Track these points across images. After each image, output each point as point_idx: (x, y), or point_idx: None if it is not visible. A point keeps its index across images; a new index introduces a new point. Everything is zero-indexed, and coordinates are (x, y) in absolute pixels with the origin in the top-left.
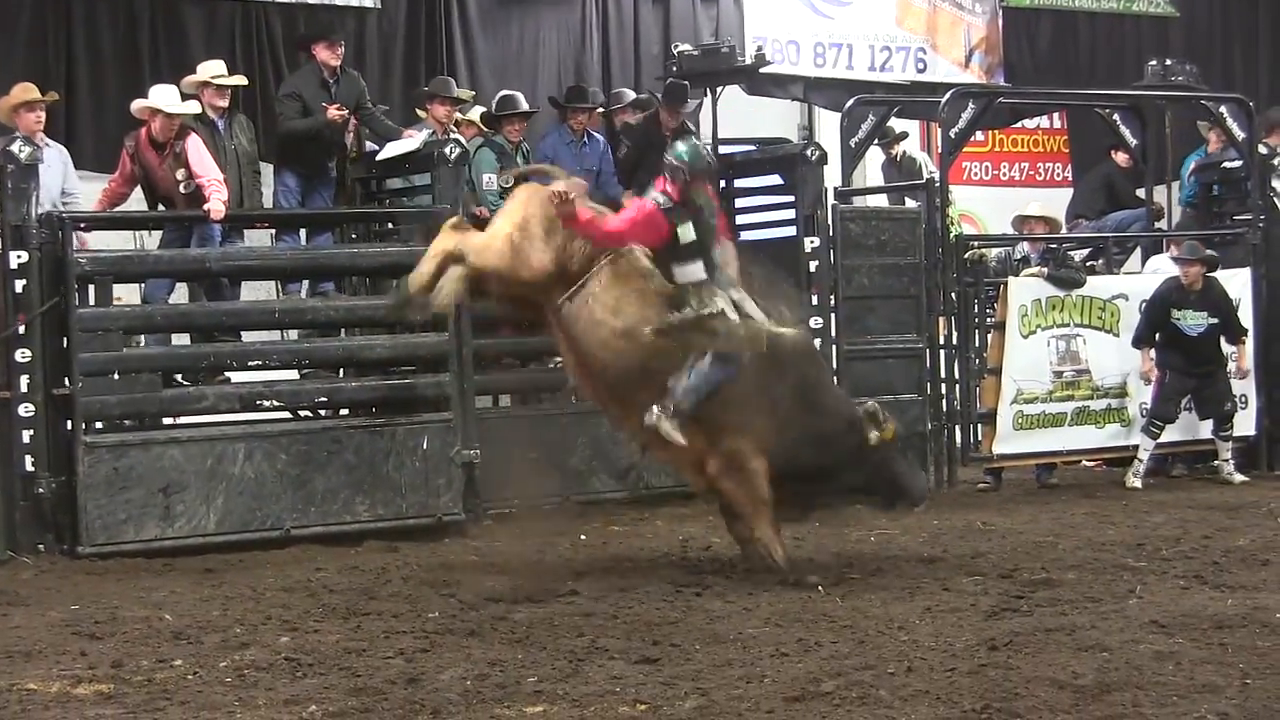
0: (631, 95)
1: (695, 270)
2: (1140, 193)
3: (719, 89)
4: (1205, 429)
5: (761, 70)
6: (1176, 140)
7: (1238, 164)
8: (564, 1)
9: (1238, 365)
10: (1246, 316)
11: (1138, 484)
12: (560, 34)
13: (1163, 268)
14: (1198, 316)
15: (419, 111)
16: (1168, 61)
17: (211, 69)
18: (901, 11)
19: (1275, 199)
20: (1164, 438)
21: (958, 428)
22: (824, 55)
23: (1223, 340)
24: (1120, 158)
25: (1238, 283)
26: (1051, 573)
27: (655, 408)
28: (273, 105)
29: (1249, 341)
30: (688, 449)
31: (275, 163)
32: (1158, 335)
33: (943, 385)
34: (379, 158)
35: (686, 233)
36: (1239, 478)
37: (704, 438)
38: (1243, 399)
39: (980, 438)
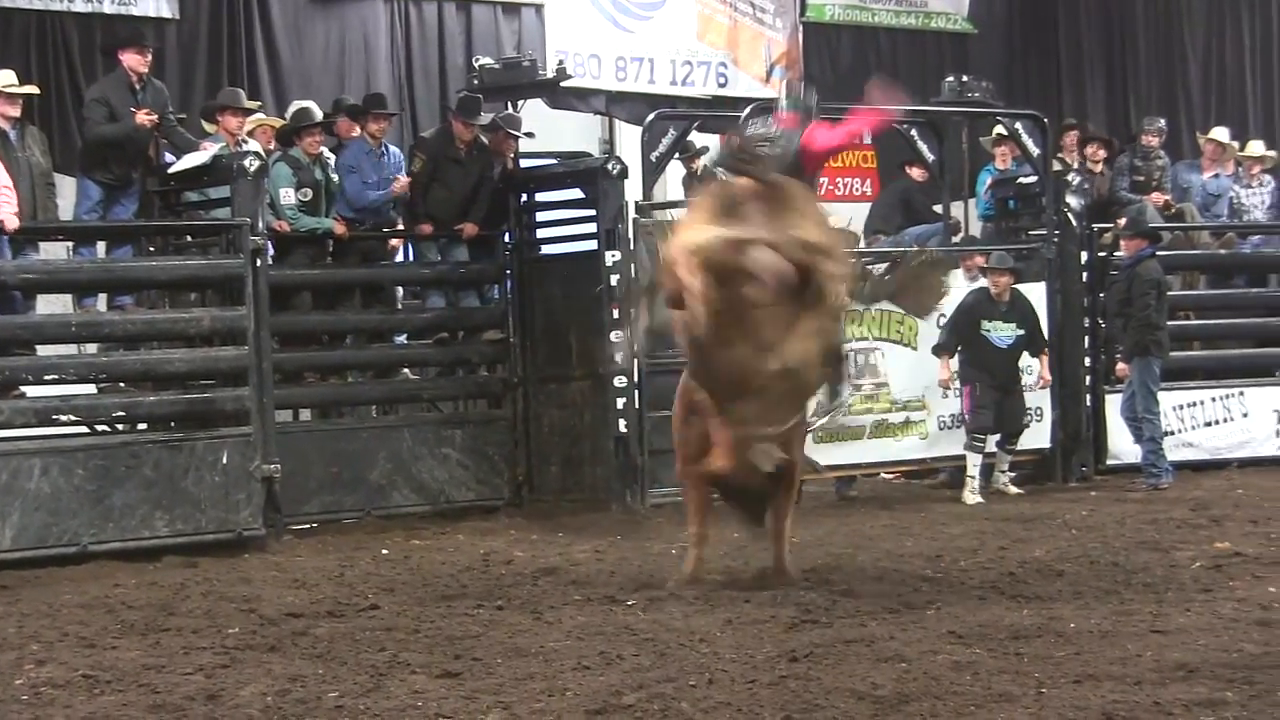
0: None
1: None
2: (937, 208)
3: (520, 102)
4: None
5: (563, 84)
6: (973, 156)
7: (1033, 179)
8: (368, 13)
9: (1041, 376)
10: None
11: (979, 499)
12: (364, 45)
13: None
14: (1007, 328)
15: (206, 125)
16: (964, 78)
17: (2, 78)
18: (703, 26)
19: (1069, 214)
20: (957, 450)
21: None
22: (625, 69)
23: (1025, 353)
24: (916, 172)
25: (1033, 297)
26: (851, 584)
27: None
28: (68, 116)
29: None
30: None
31: (79, 171)
32: (960, 347)
33: None
34: (171, 170)
35: None
36: (1014, 490)
37: None
38: (1038, 411)
39: None
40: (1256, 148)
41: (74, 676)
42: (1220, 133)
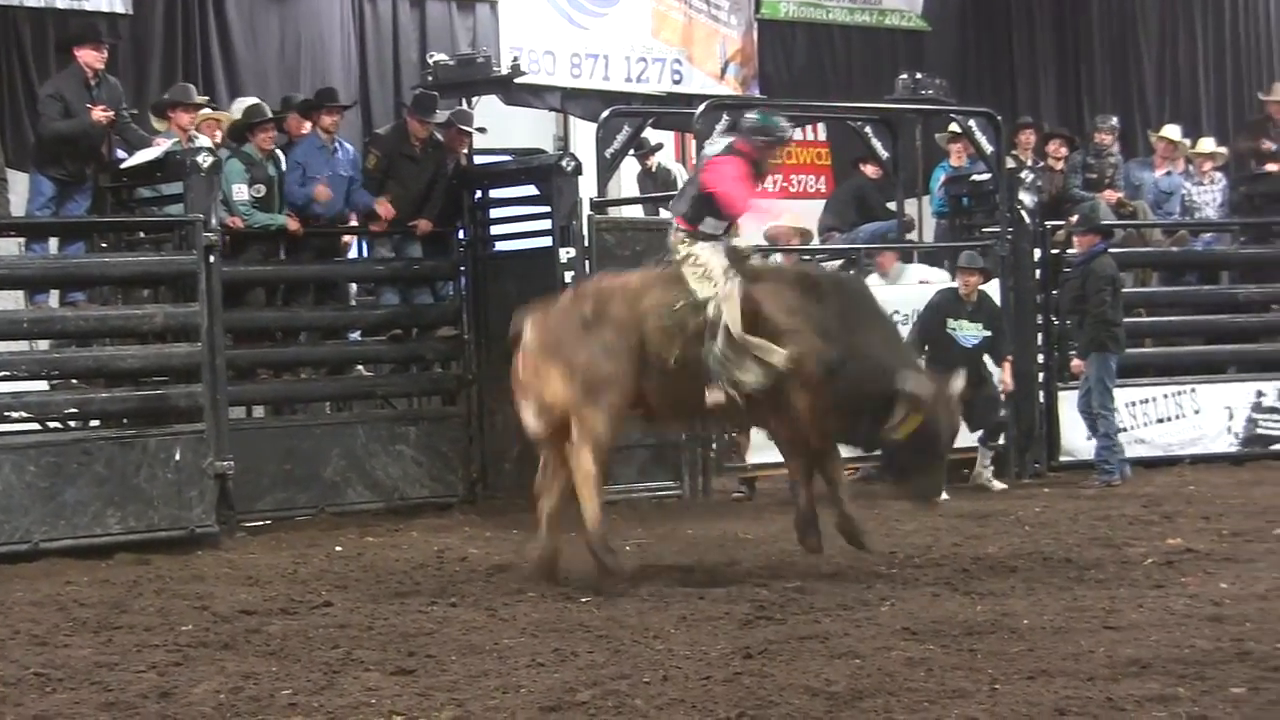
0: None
1: (715, 225)
2: (891, 205)
3: (475, 99)
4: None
5: (517, 80)
6: (927, 153)
7: (987, 177)
8: (323, 9)
9: (1002, 383)
10: None
11: (945, 495)
12: (319, 41)
13: (912, 277)
14: (973, 328)
15: (156, 122)
16: (918, 75)
17: None
18: (657, 23)
19: (1023, 212)
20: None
21: (712, 437)
22: (580, 66)
23: (987, 357)
24: (870, 170)
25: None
26: (805, 581)
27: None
28: (20, 112)
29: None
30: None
31: (32, 167)
32: (927, 346)
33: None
34: (123, 166)
35: None
36: (999, 485)
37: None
38: None
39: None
40: (1207, 145)
41: (25, 674)
42: (1172, 130)
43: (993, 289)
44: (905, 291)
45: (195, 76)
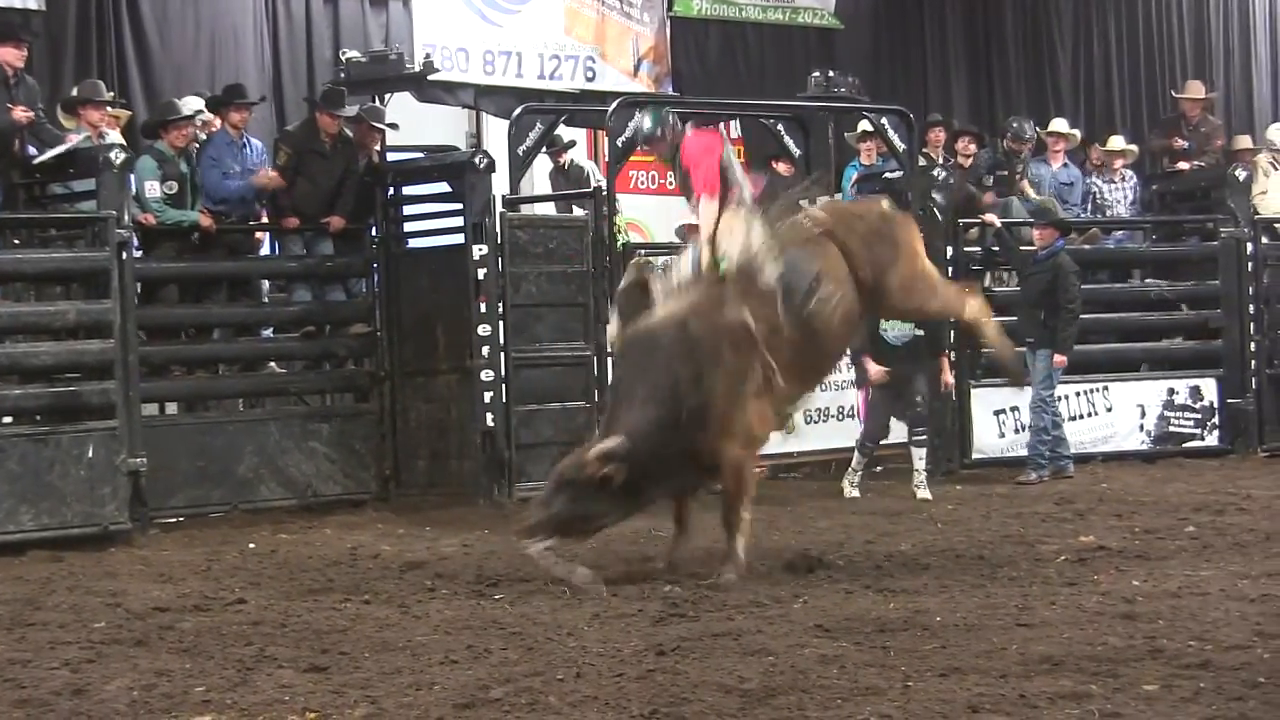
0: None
1: None
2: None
3: (388, 95)
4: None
5: (430, 77)
6: (839, 151)
7: (898, 175)
8: (236, 5)
9: (942, 379)
10: None
11: (855, 494)
12: (233, 37)
13: None
14: (903, 327)
15: (63, 118)
16: (830, 73)
17: None
18: (570, 20)
19: (935, 209)
20: (825, 444)
21: None
22: (493, 63)
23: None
24: (782, 167)
25: None
26: (718, 578)
27: None
28: None
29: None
30: None
31: None
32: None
33: (610, 393)
34: (34, 161)
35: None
36: (926, 494)
37: None
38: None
39: None
40: (1117, 142)
41: None
42: (1059, 124)
43: None
44: None
45: (109, 73)
